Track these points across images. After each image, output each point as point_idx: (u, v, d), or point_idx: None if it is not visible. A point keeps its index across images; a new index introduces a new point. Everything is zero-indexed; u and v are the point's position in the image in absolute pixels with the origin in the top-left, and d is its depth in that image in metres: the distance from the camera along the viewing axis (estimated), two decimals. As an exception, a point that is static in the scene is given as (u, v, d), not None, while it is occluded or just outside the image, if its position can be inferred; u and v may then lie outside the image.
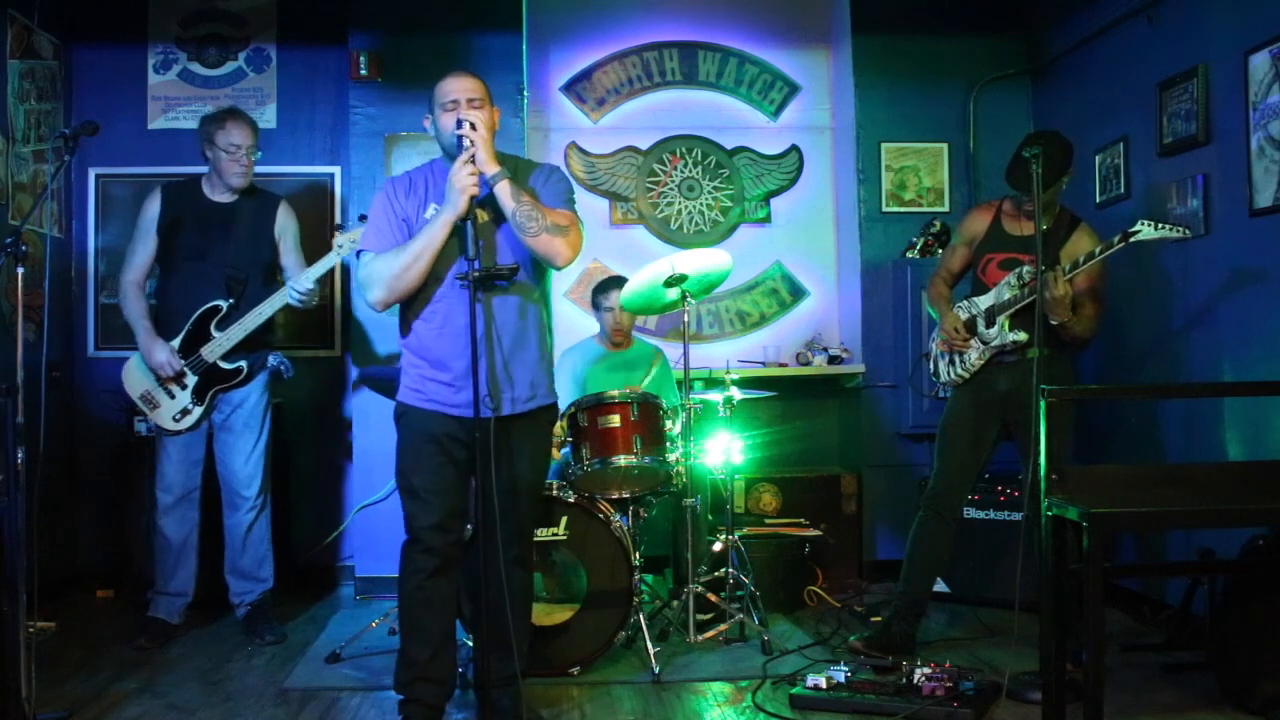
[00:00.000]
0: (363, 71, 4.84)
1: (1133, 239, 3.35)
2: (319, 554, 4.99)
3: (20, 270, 2.94)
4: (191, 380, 3.88)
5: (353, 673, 3.61)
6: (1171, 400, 4.14)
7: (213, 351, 3.86)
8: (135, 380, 3.92)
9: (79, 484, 4.81)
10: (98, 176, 4.99)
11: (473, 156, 2.79)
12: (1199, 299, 3.93)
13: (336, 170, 5.08)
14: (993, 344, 3.63)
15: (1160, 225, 3.33)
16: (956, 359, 3.74)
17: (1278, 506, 2.76)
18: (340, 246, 3.89)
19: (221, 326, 3.87)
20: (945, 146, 5.18)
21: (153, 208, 3.96)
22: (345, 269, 4.93)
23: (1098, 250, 3.41)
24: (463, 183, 2.78)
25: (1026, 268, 3.56)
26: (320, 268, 3.88)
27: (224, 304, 3.88)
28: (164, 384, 3.87)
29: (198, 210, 3.96)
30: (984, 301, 3.69)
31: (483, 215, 2.90)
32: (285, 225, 4.05)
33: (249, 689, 3.46)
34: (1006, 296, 3.60)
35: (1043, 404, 2.83)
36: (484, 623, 2.86)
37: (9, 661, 2.79)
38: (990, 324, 3.64)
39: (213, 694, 3.41)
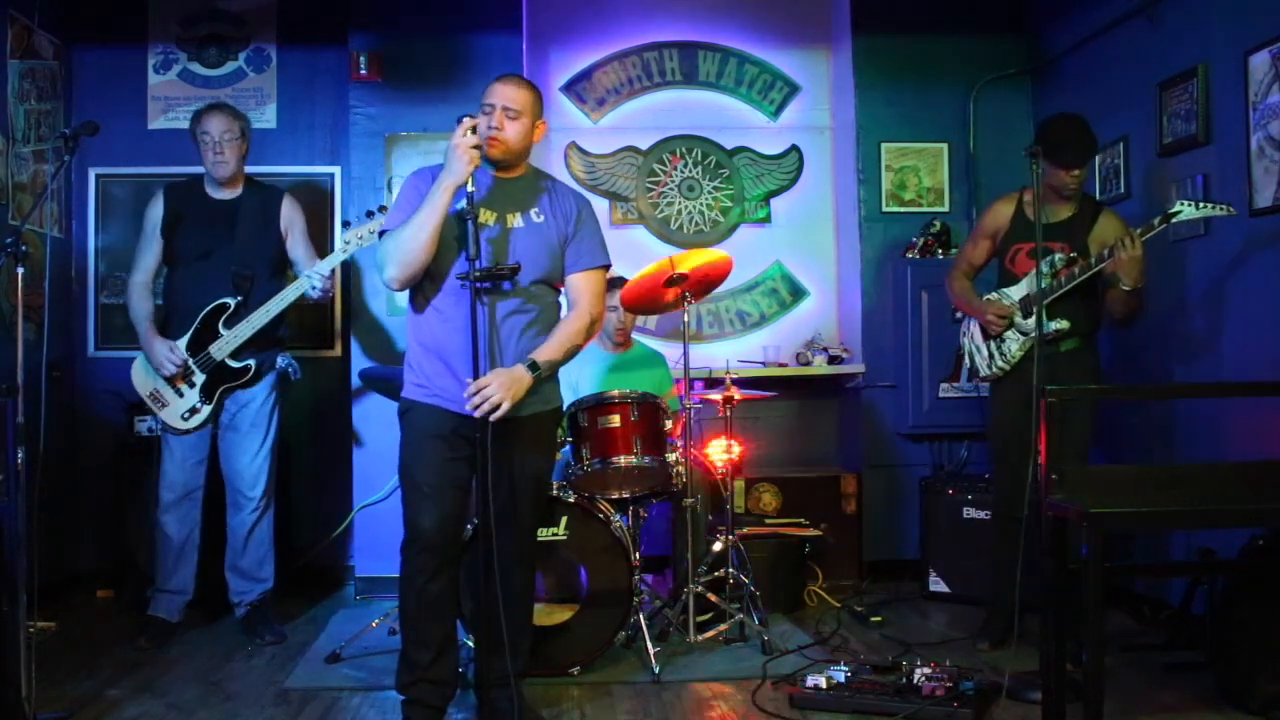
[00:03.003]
0: (363, 71, 4.84)
1: (1174, 220, 3.34)
2: (319, 554, 4.99)
3: (20, 270, 2.94)
4: (200, 378, 3.88)
5: (353, 673, 3.61)
6: (1171, 400, 4.14)
7: (221, 349, 3.86)
8: (142, 379, 3.93)
9: (79, 484, 4.81)
10: (98, 176, 4.99)
11: (474, 128, 2.80)
12: (1199, 299, 3.92)
13: (336, 170, 5.07)
14: (1032, 334, 3.60)
15: (1202, 204, 3.32)
16: (996, 353, 3.74)
17: (1278, 506, 2.76)
18: (348, 243, 3.91)
19: (229, 324, 3.86)
20: (945, 146, 5.17)
21: (156, 210, 3.98)
22: (345, 269, 4.93)
23: (1138, 231, 3.40)
24: (464, 147, 2.76)
25: (1058, 255, 3.56)
26: (332, 261, 3.92)
27: (231, 301, 3.87)
28: (172, 382, 3.87)
29: (201, 208, 3.97)
30: (1016, 292, 3.69)
31: (487, 217, 2.89)
32: (292, 218, 4.08)
33: (249, 689, 3.46)
34: (1041, 286, 3.57)
35: (1044, 403, 2.83)
36: (484, 623, 2.86)
37: (9, 661, 2.79)
38: (1027, 314, 3.64)
39: (213, 694, 3.41)
